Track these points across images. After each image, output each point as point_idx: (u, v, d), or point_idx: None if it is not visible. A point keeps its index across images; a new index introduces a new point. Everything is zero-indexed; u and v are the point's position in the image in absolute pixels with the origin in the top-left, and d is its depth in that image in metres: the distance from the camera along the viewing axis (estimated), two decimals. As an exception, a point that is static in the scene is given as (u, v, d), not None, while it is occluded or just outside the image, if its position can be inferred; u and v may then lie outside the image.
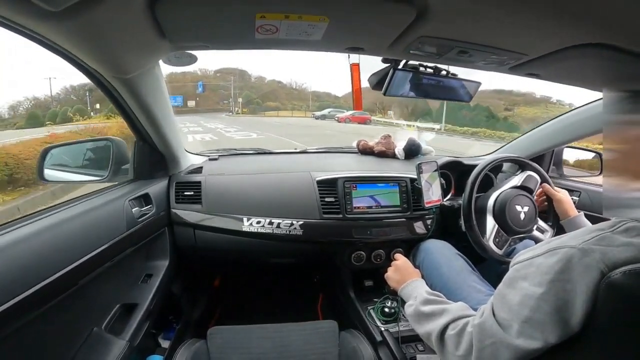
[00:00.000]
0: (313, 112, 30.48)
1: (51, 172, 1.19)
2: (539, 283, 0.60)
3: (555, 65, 0.78)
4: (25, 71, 15.59)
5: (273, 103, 42.38)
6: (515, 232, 1.22)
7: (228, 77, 53.98)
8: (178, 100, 41.70)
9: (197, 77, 60.27)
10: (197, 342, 1.10)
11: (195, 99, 51.30)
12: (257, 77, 66.53)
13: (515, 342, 0.61)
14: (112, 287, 1.07)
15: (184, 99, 45.55)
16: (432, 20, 0.62)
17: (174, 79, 60.71)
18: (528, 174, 1.32)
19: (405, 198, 1.46)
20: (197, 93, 51.54)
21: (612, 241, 0.56)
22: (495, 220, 1.23)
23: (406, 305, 0.92)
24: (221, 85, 53.58)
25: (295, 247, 1.41)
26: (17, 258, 0.68)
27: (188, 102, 47.74)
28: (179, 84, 58.01)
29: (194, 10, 0.63)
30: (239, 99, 48.03)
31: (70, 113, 26.32)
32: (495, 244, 1.21)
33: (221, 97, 52.27)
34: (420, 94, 1.01)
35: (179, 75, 61.84)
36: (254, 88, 58.55)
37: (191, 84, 54.69)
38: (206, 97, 54.20)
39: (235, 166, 1.61)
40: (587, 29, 0.58)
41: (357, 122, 22.01)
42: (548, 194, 1.27)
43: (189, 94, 51.92)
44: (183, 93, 50.25)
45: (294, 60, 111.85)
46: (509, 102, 32.65)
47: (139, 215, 1.14)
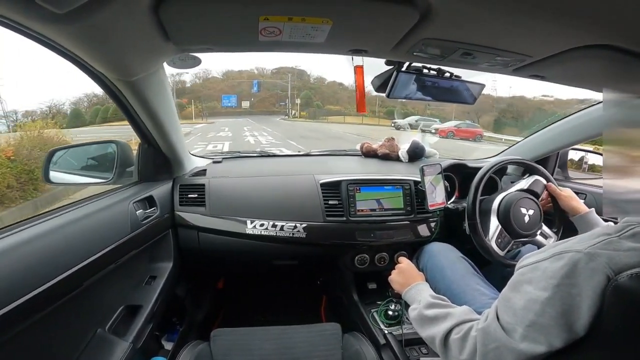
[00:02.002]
0: (393, 120, 23.61)
1: (57, 174, 1.20)
2: (544, 287, 0.59)
3: (560, 67, 0.78)
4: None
5: (334, 106, 39.24)
6: (519, 234, 1.21)
7: (285, 77, 51.15)
8: (232, 100, 39.94)
9: (253, 75, 57.07)
10: (200, 344, 1.10)
11: (250, 99, 48.33)
12: (316, 77, 61.16)
13: (520, 346, 0.60)
14: (116, 289, 1.08)
15: (238, 98, 43.15)
16: (435, 23, 0.62)
17: (230, 76, 58.96)
18: (535, 179, 1.31)
19: (409, 201, 1.45)
20: (251, 93, 48.55)
21: (619, 246, 0.56)
22: (499, 221, 1.22)
23: (410, 309, 0.92)
24: (278, 85, 49.86)
25: (299, 250, 1.41)
26: (22, 259, 0.68)
27: (242, 102, 45.06)
28: (235, 83, 55.82)
29: (198, 12, 0.63)
30: (297, 100, 45.00)
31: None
32: (497, 244, 1.19)
33: (277, 98, 48.74)
34: (424, 96, 1.01)
35: (235, 73, 59.33)
36: (314, 89, 55.07)
37: (247, 82, 51.75)
38: (261, 97, 51.00)
39: (239, 169, 1.62)
40: (591, 31, 0.58)
41: (464, 136, 16.88)
42: (554, 194, 1.25)
43: (243, 93, 49.29)
44: (238, 92, 48.05)
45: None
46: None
47: (143, 217, 1.14)
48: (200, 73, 60.24)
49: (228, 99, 40.75)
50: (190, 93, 51.14)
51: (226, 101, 40.47)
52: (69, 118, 32.72)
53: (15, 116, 28.79)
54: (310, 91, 52.43)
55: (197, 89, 55.31)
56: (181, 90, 52.92)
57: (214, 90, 54.94)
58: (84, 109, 37.85)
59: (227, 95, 42.78)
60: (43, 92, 41.28)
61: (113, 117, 24.81)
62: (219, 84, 57.58)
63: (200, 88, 56.85)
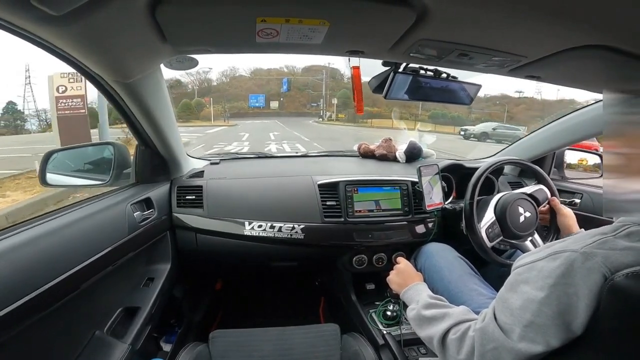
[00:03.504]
0: (463, 128, 20.10)
1: (53, 177, 1.19)
2: (541, 287, 0.60)
3: (556, 67, 0.78)
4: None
5: (371, 108, 32.86)
6: (510, 233, 1.21)
7: (319, 74, 45.73)
8: (260, 100, 37.31)
9: (282, 73, 53.03)
10: (198, 346, 1.10)
11: (279, 99, 44.72)
12: (350, 76, 58.78)
13: (517, 346, 0.61)
14: (114, 291, 1.08)
15: (266, 98, 40.18)
16: (432, 24, 0.63)
17: (257, 73, 55.72)
18: (541, 188, 1.31)
19: (406, 201, 1.46)
20: (280, 92, 44.37)
21: (615, 245, 0.56)
22: (495, 214, 1.23)
23: (408, 309, 0.92)
24: (309, 84, 46.01)
25: (297, 251, 1.41)
26: (19, 262, 0.68)
27: (271, 102, 42.14)
28: (263, 81, 52.57)
29: (195, 14, 0.64)
30: (334, 100, 39.13)
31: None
32: (486, 233, 1.20)
33: (309, 99, 44.98)
34: (421, 97, 1.01)
35: (263, 72, 56.28)
36: (349, 89, 51.67)
37: (276, 80, 48.04)
38: (292, 97, 47.49)
39: (237, 170, 1.62)
40: (586, 31, 0.58)
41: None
42: (555, 208, 1.25)
43: (272, 92, 45.73)
44: (266, 92, 44.44)
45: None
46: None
47: (141, 219, 1.14)
48: (227, 71, 57.89)
49: (255, 99, 38.24)
50: (216, 92, 49.03)
51: (253, 101, 38.03)
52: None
53: (45, 115, 28.44)
54: (347, 91, 48.38)
55: (223, 88, 53.13)
56: (206, 89, 50.41)
57: (240, 89, 52.62)
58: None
59: (255, 94, 40.65)
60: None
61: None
62: (246, 82, 55.21)
63: (227, 87, 54.48)
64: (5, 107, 37.47)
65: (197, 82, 51.55)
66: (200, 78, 51.08)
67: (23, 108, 38.24)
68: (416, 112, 31.95)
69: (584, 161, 1.81)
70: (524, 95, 42.62)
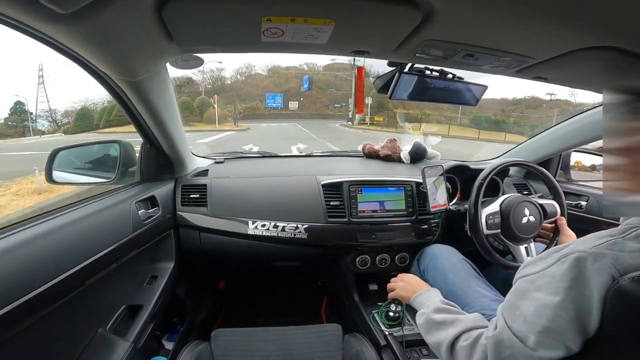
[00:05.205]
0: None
1: (60, 174, 1.20)
2: (555, 292, 0.58)
3: (563, 69, 0.77)
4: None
5: (407, 110, 28.86)
6: (510, 233, 1.20)
7: (342, 71, 40.37)
8: (277, 100, 33.64)
9: (302, 71, 48.50)
10: (200, 344, 1.10)
11: (299, 99, 40.46)
12: (375, 74, 54.46)
13: (535, 353, 0.59)
14: (118, 289, 1.08)
15: (285, 98, 36.06)
16: (438, 24, 0.62)
17: (276, 72, 52.67)
18: (554, 203, 1.30)
19: (410, 202, 1.45)
20: (300, 92, 40.57)
21: (624, 247, 0.55)
22: (500, 208, 1.23)
23: (418, 314, 0.90)
24: (332, 82, 41.13)
25: (300, 251, 1.41)
26: (24, 259, 0.68)
27: (289, 102, 37.98)
28: (281, 79, 48.99)
29: (201, 13, 0.64)
30: (367, 99, 30.12)
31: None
32: (486, 219, 1.21)
33: (331, 99, 40.65)
34: (426, 97, 1.01)
35: (282, 69, 53.05)
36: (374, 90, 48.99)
37: (295, 79, 44.82)
38: (312, 97, 42.95)
39: (241, 169, 1.62)
40: (594, 32, 0.57)
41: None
42: (560, 227, 1.23)
43: (291, 92, 41.85)
44: (284, 91, 40.28)
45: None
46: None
47: (145, 217, 1.14)
48: (242, 69, 55.19)
49: (273, 99, 34.10)
50: (230, 91, 45.63)
51: (270, 101, 34.10)
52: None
53: (54, 116, 28.58)
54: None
55: (237, 86, 49.97)
56: (220, 87, 47.24)
57: (257, 87, 49.25)
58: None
59: (272, 94, 36.74)
60: (76, 90, 39.10)
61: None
62: (262, 81, 52.12)
63: (242, 85, 51.07)
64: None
65: (209, 80, 49.21)
66: (214, 76, 48.79)
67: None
68: (455, 116, 28.77)
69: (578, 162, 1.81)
70: (556, 98, 39.88)
